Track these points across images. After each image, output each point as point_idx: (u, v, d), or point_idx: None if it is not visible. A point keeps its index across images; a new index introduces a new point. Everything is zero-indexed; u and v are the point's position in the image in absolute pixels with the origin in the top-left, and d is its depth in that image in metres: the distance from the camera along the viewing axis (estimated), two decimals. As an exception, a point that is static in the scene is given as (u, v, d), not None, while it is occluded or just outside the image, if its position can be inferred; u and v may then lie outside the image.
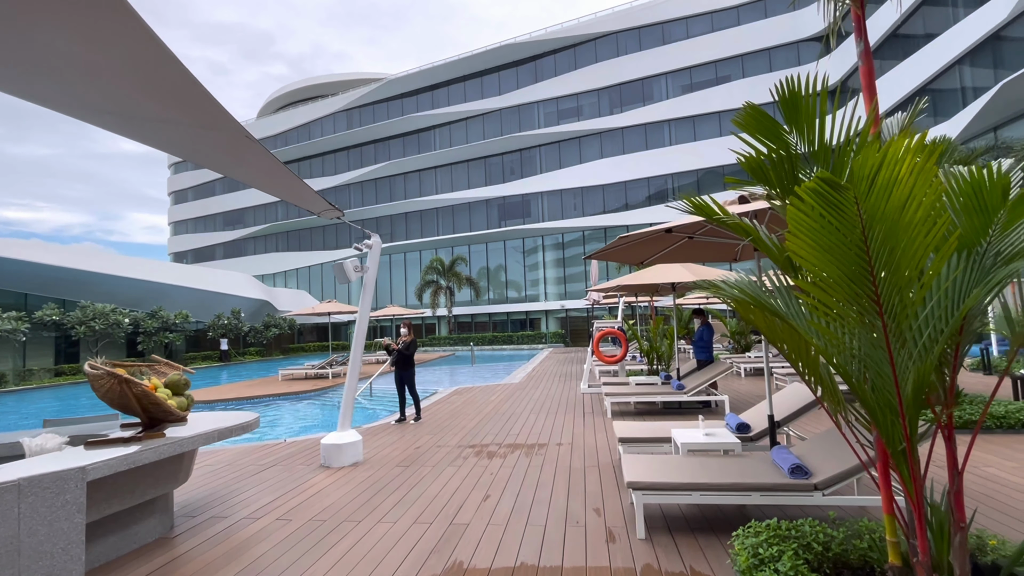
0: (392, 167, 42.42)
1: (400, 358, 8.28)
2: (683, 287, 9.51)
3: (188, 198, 53.76)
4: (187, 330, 27.23)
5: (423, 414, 9.09)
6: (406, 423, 8.29)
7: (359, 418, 10.68)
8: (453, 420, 8.50)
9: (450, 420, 8.52)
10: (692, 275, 7.81)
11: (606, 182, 35.27)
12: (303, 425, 10.43)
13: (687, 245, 5.71)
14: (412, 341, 8.33)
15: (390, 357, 8.42)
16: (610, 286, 8.74)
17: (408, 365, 8.35)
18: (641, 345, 11.13)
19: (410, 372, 8.39)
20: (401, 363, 8.31)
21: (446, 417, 8.81)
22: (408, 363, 8.34)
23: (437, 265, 35.27)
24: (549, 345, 33.51)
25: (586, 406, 9.42)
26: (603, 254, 5.67)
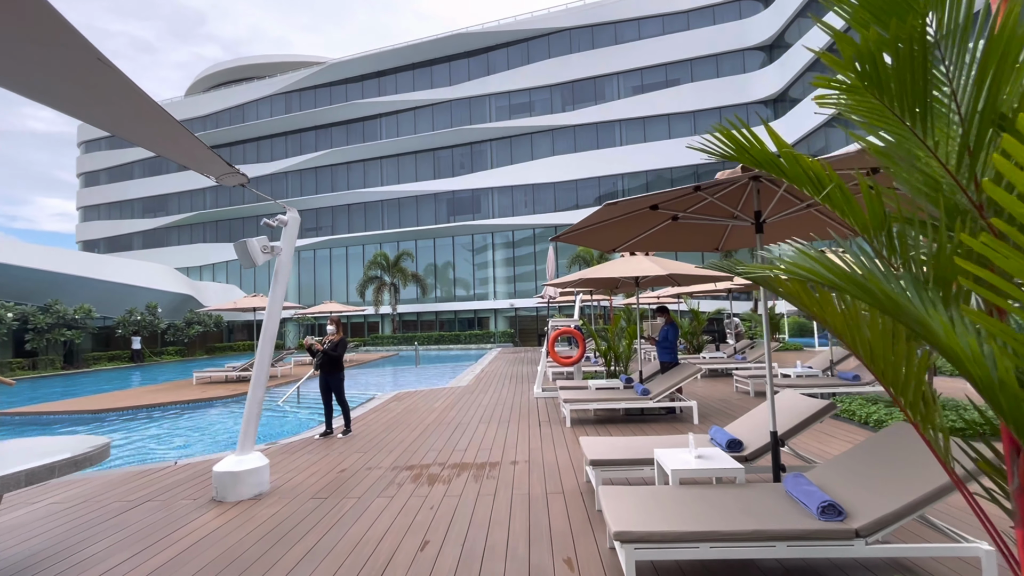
0: (334, 155, 40.02)
1: (326, 360, 7.04)
2: (647, 282, 8.81)
3: (101, 181, 48.53)
4: (90, 327, 24.07)
5: (354, 426, 7.85)
6: (332, 437, 7.04)
7: (281, 430, 9.26)
8: (389, 433, 7.33)
9: (386, 433, 7.34)
10: (661, 268, 7.08)
11: (557, 180, 34.81)
12: (211, 440, 8.87)
13: (668, 229, 4.90)
14: (341, 340, 7.10)
15: (314, 359, 7.15)
16: (571, 279, 7.89)
17: (336, 368, 7.12)
18: (599, 345, 10.39)
19: (338, 377, 7.16)
20: (328, 366, 7.08)
21: (381, 429, 7.62)
22: (336, 366, 7.12)
23: (381, 260, 33.46)
24: (498, 345, 32.61)
25: (541, 413, 8.51)
26: (575, 235, 4.75)
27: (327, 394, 7.14)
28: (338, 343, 7.05)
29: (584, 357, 9.82)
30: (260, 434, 8.74)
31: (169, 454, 7.89)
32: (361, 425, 7.94)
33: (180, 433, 9.53)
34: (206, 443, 8.71)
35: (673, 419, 7.61)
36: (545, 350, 10.09)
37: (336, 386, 7.12)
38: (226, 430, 9.62)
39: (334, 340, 7.05)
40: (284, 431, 9.12)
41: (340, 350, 7.06)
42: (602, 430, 7.02)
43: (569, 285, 8.73)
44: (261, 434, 8.84)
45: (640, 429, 6.98)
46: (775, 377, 9.45)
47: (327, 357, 6.98)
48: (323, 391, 7.13)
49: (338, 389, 7.15)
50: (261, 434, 8.84)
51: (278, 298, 5.31)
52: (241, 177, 4.94)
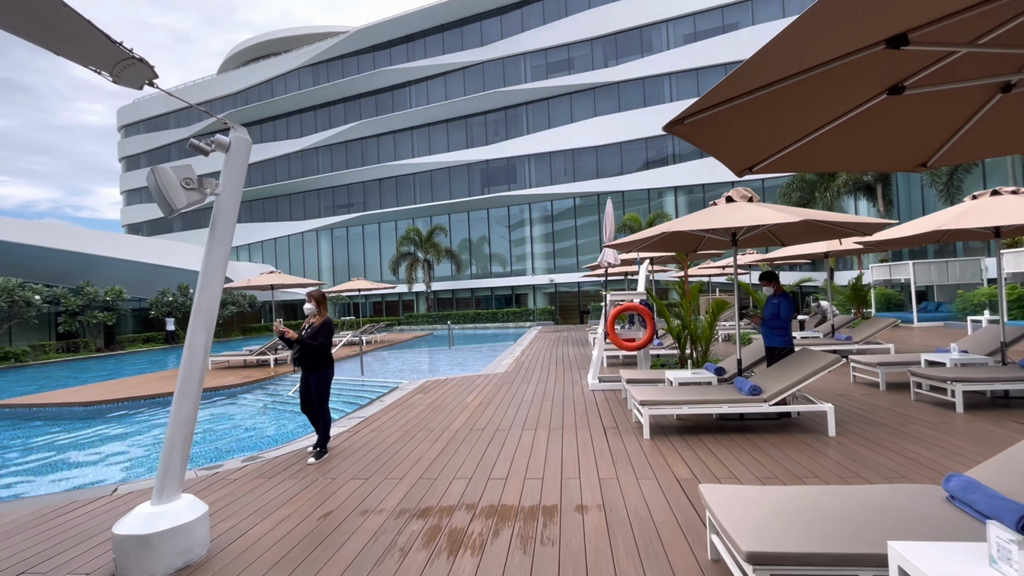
0: (363, 128, 38.44)
1: (304, 353, 5.12)
2: (746, 240, 6.56)
3: (141, 164, 48.99)
4: (122, 308, 23.67)
5: (366, 428, 6.10)
6: (325, 458, 5.26)
7: (281, 433, 7.65)
8: (405, 443, 5.53)
9: (401, 443, 5.55)
10: (789, 215, 4.84)
11: (599, 143, 31.99)
12: (204, 444, 7.37)
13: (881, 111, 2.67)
14: (324, 325, 5.18)
15: (290, 352, 5.30)
16: (648, 236, 5.76)
17: (319, 364, 5.16)
18: (670, 325, 8.26)
19: (323, 377, 5.19)
20: (308, 361, 5.15)
21: (396, 436, 5.83)
22: (319, 361, 5.16)
23: (413, 235, 31.91)
24: (537, 323, 30.71)
25: (602, 412, 6.53)
26: (704, 121, 2.59)
27: (308, 402, 5.26)
28: (320, 328, 5.14)
29: (653, 340, 7.75)
30: (246, 443, 7.17)
31: (117, 471, 6.40)
32: (372, 430, 6.19)
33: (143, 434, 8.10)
34: (198, 448, 7.21)
35: (793, 428, 5.47)
36: (602, 331, 8.06)
37: (319, 389, 5.18)
38: (228, 428, 8.13)
39: (314, 324, 5.17)
40: (284, 435, 7.52)
41: (324, 338, 5.14)
42: (697, 444, 4.98)
43: (641, 246, 6.59)
44: (249, 442, 7.27)
45: (757, 446, 4.89)
46: (917, 365, 7.09)
47: (304, 348, 5.09)
48: (302, 397, 5.30)
49: (321, 394, 5.21)
50: (249, 442, 7.27)
51: (217, 260, 3.48)
52: (145, 70, 3.11)
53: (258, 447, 6.82)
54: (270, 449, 5.72)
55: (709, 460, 4.54)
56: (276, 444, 6.57)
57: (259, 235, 42.63)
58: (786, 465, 4.30)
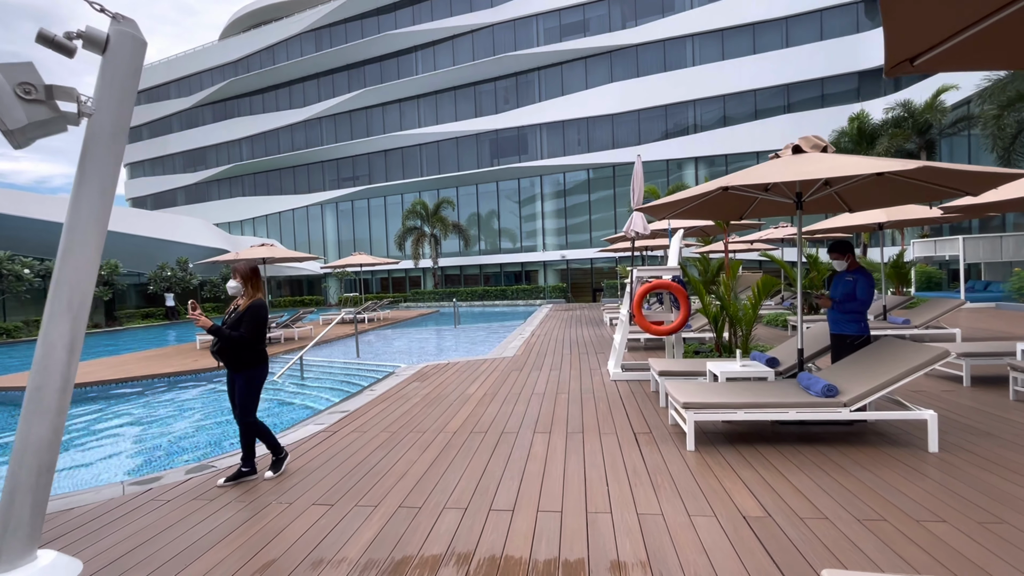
0: (368, 96, 36.85)
1: (224, 345, 3.78)
2: (812, 204, 5.32)
3: (143, 136, 47.90)
4: (119, 283, 22.94)
5: (349, 424, 5.08)
6: (258, 478, 4.10)
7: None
8: (386, 454, 4.50)
9: (385, 449, 4.52)
10: (900, 164, 3.60)
11: (616, 111, 30.21)
12: (173, 445, 6.42)
13: None
14: (250, 310, 3.80)
15: (212, 342, 4.00)
16: (700, 193, 4.52)
17: (245, 361, 3.80)
18: (707, 306, 7.10)
19: (250, 379, 3.83)
20: (229, 357, 3.82)
21: (377, 442, 4.80)
22: (246, 358, 3.80)
23: (420, 209, 30.68)
24: (548, 300, 29.61)
25: (629, 409, 5.45)
26: None
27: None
28: (244, 313, 3.78)
29: (685, 323, 6.60)
30: (208, 440, 6.02)
31: (104, 473, 5.46)
32: (354, 430, 5.17)
33: (144, 423, 7.19)
34: (158, 443, 6.27)
35: (873, 438, 4.34)
36: (627, 312, 6.92)
37: (244, 395, 3.81)
38: (193, 422, 7.19)
39: (239, 306, 3.86)
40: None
41: (248, 327, 3.73)
42: (756, 459, 3.88)
43: (685, 208, 5.38)
44: (212, 438, 6.26)
45: (837, 464, 3.78)
46: (1010, 356, 5.88)
47: (223, 341, 3.76)
48: (231, 399, 4.06)
49: (245, 401, 3.83)
50: (212, 438, 6.26)
51: (88, 213, 2.37)
52: None
53: (220, 448, 5.85)
54: (227, 455, 4.73)
55: (780, 485, 3.44)
56: (237, 447, 5.59)
57: (262, 209, 41.68)
58: (891, 498, 3.19)
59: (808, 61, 26.16)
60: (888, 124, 18.69)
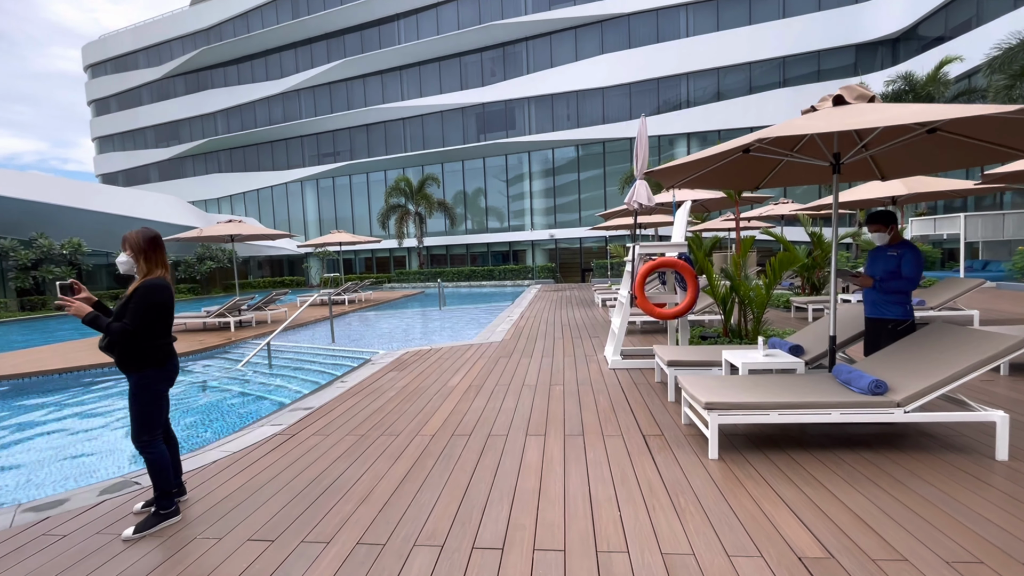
0: (348, 67, 35.17)
1: (113, 339, 2.82)
2: (849, 169, 4.60)
3: (111, 108, 45.56)
4: (85, 263, 21.63)
5: (313, 422, 4.31)
6: (228, 495, 3.44)
7: (211, 431, 5.84)
8: (348, 465, 3.75)
9: (342, 465, 3.77)
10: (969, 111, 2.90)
11: (607, 84, 29.15)
12: (94, 456, 5.60)
13: None
14: (144, 288, 2.83)
15: (103, 337, 3.05)
16: (723, 151, 3.74)
17: (134, 362, 2.86)
18: (715, 287, 6.42)
19: (140, 385, 2.89)
20: (119, 354, 2.86)
21: (340, 449, 4.05)
22: (133, 357, 2.86)
23: (403, 186, 29.52)
24: (537, 281, 28.91)
25: (633, 403, 4.77)
26: None
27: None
28: (130, 298, 2.82)
29: (693, 306, 5.90)
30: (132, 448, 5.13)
31: None
32: (316, 432, 4.42)
33: (66, 422, 6.34)
34: (78, 450, 5.46)
35: (924, 441, 3.70)
36: (628, 295, 6.20)
37: (132, 402, 2.89)
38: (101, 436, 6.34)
39: (134, 288, 2.87)
40: (200, 437, 5.75)
41: (133, 316, 2.77)
42: (794, 470, 3.22)
43: (701, 171, 4.62)
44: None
45: (895, 478, 3.13)
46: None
47: (107, 334, 2.80)
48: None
49: (136, 409, 2.89)
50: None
51: None
52: None
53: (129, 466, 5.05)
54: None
55: (833, 508, 2.78)
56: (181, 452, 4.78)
57: (239, 186, 40.06)
58: (979, 528, 2.54)
59: (805, 33, 25.29)
60: (889, 97, 18.03)
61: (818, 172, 5.12)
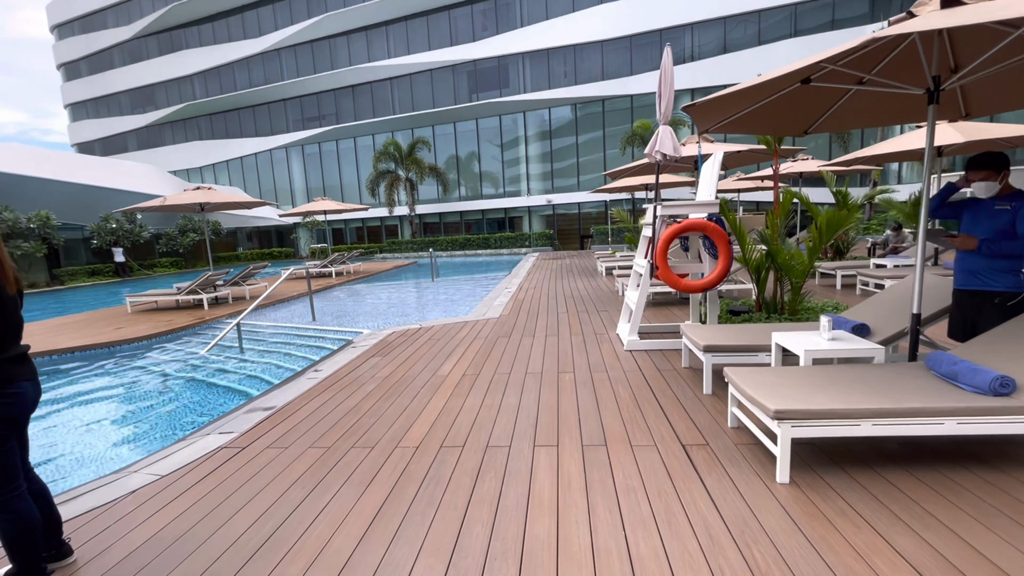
0: (330, 23, 32.96)
1: None
2: (950, 98, 3.61)
3: (82, 72, 43.09)
4: (57, 238, 20.42)
5: (271, 426, 3.44)
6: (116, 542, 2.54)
7: (160, 436, 4.95)
8: (299, 499, 2.88)
9: (290, 501, 2.89)
10: None
11: (606, 37, 27.36)
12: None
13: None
14: None
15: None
16: (758, 82, 2.75)
17: None
18: (747, 252, 5.51)
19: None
20: None
21: (297, 471, 3.18)
22: None
23: (392, 150, 28.05)
24: (534, 249, 27.89)
25: (661, 397, 3.91)
26: None
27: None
28: None
29: (727, 276, 5.00)
30: (86, 453, 4.09)
31: None
32: (271, 443, 3.55)
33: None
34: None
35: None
36: (648, 265, 5.28)
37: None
38: (82, 426, 5.49)
39: None
40: (145, 445, 4.89)
41: None
42: (897, 500, 2.39)
43: (734, 113, 3.61)
44: (92, 450, 4.47)
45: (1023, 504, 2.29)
46: None
47: None
48: None
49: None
50: (92, 450, 4.47)
51: None
52: None
53: (93, 466, 4.20)
54: (67, 493, 3.06)
55: (975, 568, 1.94)
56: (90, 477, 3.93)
57: (221, 154, 38.27)
58: None
59: (819, -23, 23.54)
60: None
61: (888, 108, 4.13)
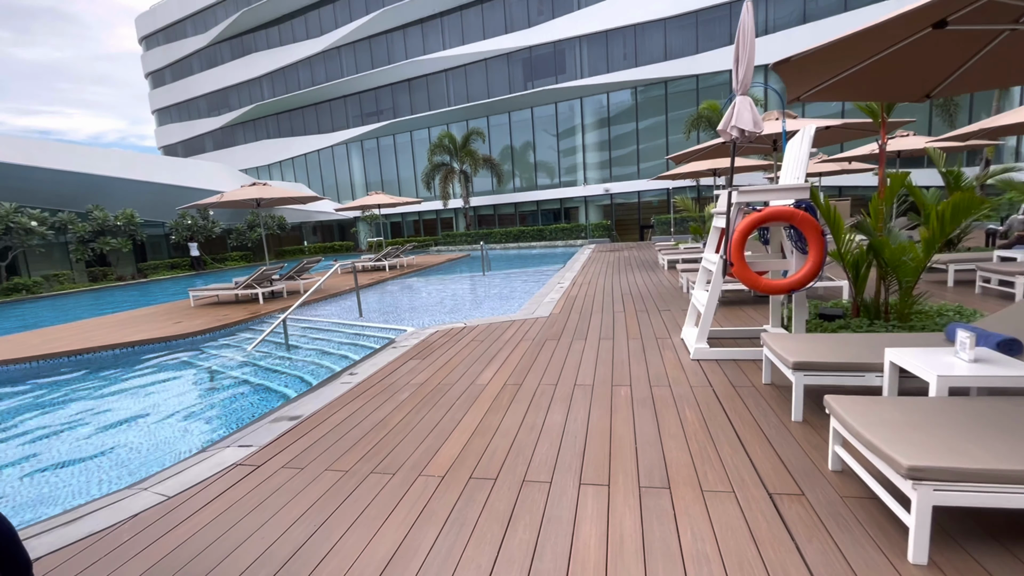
0: (387, 17, 33.31)
1: None
2: None
3: (166, 79, 46.40)
4: (141, 234, 21.99)
5: (291, 439, 3.12)
6: None
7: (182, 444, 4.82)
8: (310, 538, 2.47)
9: (297, 539, 2.48)
10: None
11: (668, 14, 25.74)
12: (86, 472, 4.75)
13: None
14: None
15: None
16: (883, 20, 2.05)
17: None
18: (843, 245, 4.60)
19: None
20: None
21: (302, 503, 2.78)
22: None
23: (447, 142, 27.97)
24: (591, 240, 26.97)
25: (741, 430, 3.20)
26: None
27: None
28: None
29: (819, 275, 4.15)
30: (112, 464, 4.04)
31: None
32: (288, 461, 3.21)
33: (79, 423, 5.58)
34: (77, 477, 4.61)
35: None
36: (721, 261, 4.51)
37: None
38: (158, 423, 5.51)
39: None
40: (157, 459, 4.74)
41: None
42: None
43: (840, 71, 2.84)
44: (117, 461, 4.29)
45: None
46: None
47: None
48: None
49: None
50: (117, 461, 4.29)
51: None
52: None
53: (85, 490, 4.07)
54: (36, 525, 2.84)
55: None
56: (99, 495, 3.76)
57: (287, 151, 39.98)
58: None
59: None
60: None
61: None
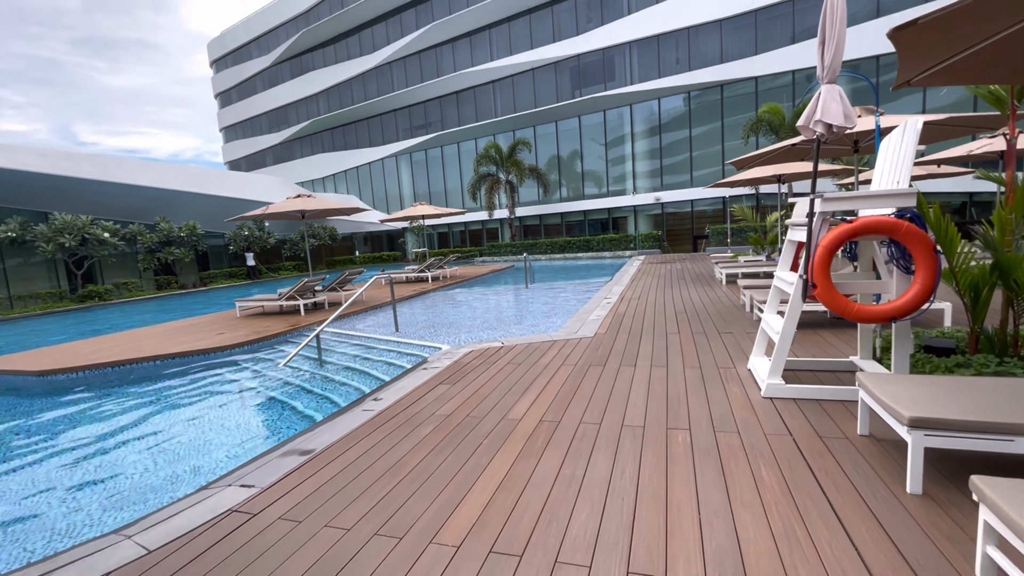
0: (437, 31, 33.86)
1: None
2: None
3: (232, 99, 49.32)
4: (202, 244, 23.09)
5: (295, 484, 2.70)
6: None
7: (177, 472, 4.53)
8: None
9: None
10: None
11: (724, 15, 24.57)
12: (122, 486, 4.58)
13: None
14: None
15: None
16: None
17: None
18: (958, 262, 3.74)
19: None
20: None
21: (312, 554, 2.30)
22: None
23: (493, 153, 27.84)
24: (640, 251, 25.94)
25: (835, 499, 2.47)
26: None
27: None
28: None
29: (929, 300, 3.35)
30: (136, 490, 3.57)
31: None
32: (286, 511, 2.78)
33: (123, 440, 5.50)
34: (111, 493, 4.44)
35: None
36: (800, 280, 3.77)
37: None
38: (191, 441, 5.34)
39: None
40: (162, 491, 4.46)
41: None
42: None
43: (966, 47, 2.12)
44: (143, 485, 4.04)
45: None
46: None
47: None
48: None
49: None
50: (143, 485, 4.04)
51: None
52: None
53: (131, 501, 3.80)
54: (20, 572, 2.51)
55: None
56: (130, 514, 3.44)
57: (341, 164, 41.35)
58: None
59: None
60: None
61: None
